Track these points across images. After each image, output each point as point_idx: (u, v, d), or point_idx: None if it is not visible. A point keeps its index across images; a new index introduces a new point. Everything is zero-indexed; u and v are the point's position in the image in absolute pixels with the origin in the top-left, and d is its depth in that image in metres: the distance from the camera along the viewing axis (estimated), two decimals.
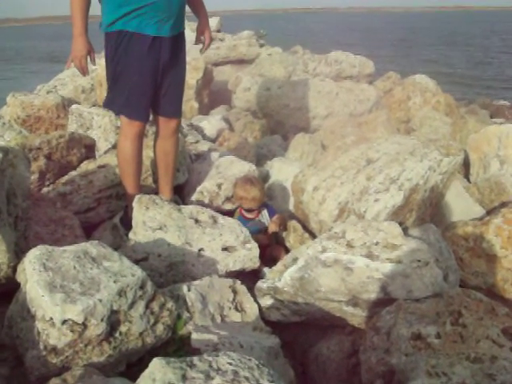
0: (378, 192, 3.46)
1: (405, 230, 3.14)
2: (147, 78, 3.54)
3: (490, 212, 4.17)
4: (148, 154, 4.15)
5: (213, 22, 14.16)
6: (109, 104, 3.75)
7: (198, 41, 3.99)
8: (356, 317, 2.88)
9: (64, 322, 2.27)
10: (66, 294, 2.31)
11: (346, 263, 2.80)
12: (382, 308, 2.68)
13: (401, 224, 3.15)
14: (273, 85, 7.76)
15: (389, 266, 2.74)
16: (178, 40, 3.63)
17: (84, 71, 3.60)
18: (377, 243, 2.87)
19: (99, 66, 7.31)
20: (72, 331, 2.28)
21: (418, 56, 28.92)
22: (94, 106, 6.39)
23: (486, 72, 23.50)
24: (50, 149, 4.57)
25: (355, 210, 3.46)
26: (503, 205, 4.21)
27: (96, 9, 3.63)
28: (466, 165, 5.43)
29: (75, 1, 3.44)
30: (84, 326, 2.30)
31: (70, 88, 7.81)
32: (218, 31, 13.77)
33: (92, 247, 2.65)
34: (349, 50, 9.94)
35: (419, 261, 2.77)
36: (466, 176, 5.44)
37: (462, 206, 4.25)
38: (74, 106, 5.72)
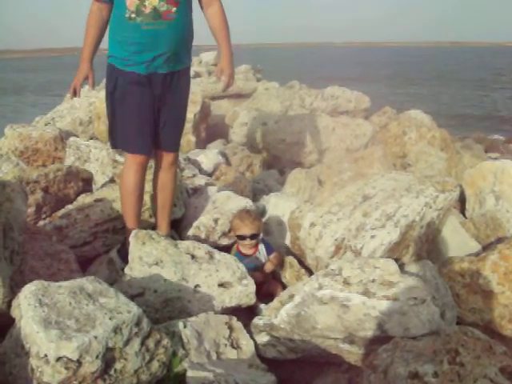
0: (374, 228, 3.47)
1: (401, 267, 3.15)
2: (141, 113, 3.59)
3: (486, 248, 4.17)
4: (146, 188, 4.16)
5: (210, 56, 14.39)
6: (110, 139, 3.83)
7: (216, 74, 3.87)
8: (352, 354, 2.86)
9: (58, 358, 2.25)
10: (61, 330, 2.30)
11: (342, 300, 2.79)
12: (378, 346, 2.66)
13: (397, 260, 3.15)
14: (269, 119, 7.80)
15: (385, 304, 2.73)
16: (177, 75, 3.64)
17: (73, 91, 3.68)
18: (373, 280, 2.86)
19: (97, 100, 7.37)
20: (66, 368, 2.25)
21: (412, 91, 29.23)
22: (91, 138, 6.44)
23: (479, 108, 23.74)
24: (47, 182, 4.58)
25: (351, 247, 3.47)
26: (499, 240, 4.22)
27: None
28: (461, 200, 5.43)
29: (89, 29, 3.57)
30: (79, 363, 2.28)
31: (68, 120, 7.85)
32: (216, 65, 13.92)
33: (88, 283, 2.64)
34: (345, 85, 10.04)
35: (416, 298, 2.76)
36: (462, 211, 5.44)
37: (458, 241, 4.25)
38: (71, 139, 5.75)
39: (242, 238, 3.82)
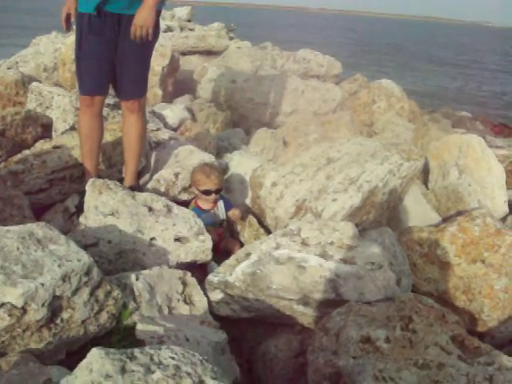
0: (336, 192, 3.44)
1: (361, 232, 3.12)
2: (89, 55, 3.62)
3: (446, 220, 4.19)
4: (105, 137, 4.06)
5: (184, 11, 14.11)
6: None
7: None
8: (306, 316, 2.84)
9: (2, 305, 2.17)
10: (6, 275, 2.21)
11: (299, 261, 2.76)
12: (332, 309, 2.65)
13: (357, 226, 3.13)
14: (239, 78, 7.69)
15: (342, 267, 2.71)
16: (130, 20, 3.53)
17: (64, 24, 3.75)
18: (332, 243, 2.84)
19: (63, 46, 7.16)
20: (10, 315, 2.18)
21: (384, 62, 29.20)
22: (55, 85, 6.24)
23: (450, 84, 23.86)
24: (4, 125, 4.44)
25: (312, 209, 3.43)
26: (459, 213, 4.24)
27: None
28: (425, 171, 5.45)
29: None
30: (23, 310, 2.20)
31: (32, 65, 7.62)
32: (189, 21, 13.69)
33: (38, 228, 2.54)
34: (317, 50, 9.93)
35: (373, 263, 2.75)
36: (425, 182, 5.46)
37: (418, 211, 4.26)
38: (34, 84, 5.57)
39: (207, 192, 3.74)
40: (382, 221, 3.71)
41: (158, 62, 6.99)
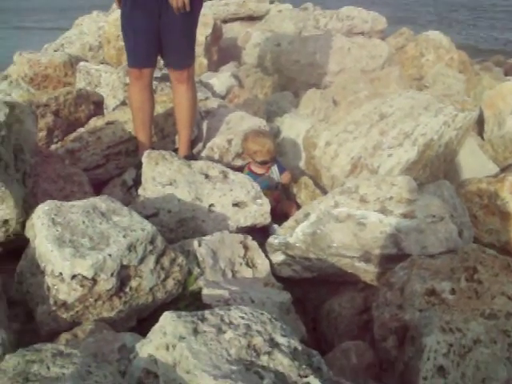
0: (391, 147, 3.40)
1: (419, 186, 3.08)
2: (135, 28, 3.66)
3: (505, 169, 4.11)
4: (156, 109, 4.10)
5: None
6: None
7: None
8: (368, 273, 2.85)
9: (73, 276, 2.25)
10: (75, 248, 2.29)
11: (358, 218, 2.75)
12: (395, 264, 2.64)
13: (415, 180, 3.09)
14: (283, 40, 7.61)
15: (403, 221, 2.69)
16: None
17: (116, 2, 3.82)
18: (390, 198, 2.81)
19: (106, 24, 7.21)
20: (82, 286, 2.26)
21: (430, 13, 28.39)
22: (101, 63, 6.31)
23: (501, 34, 23.04)
24: (58, 105, 4.52)
25: (368, 166, 3.41)
26: None
27: None
28: (480, 122, 5.33)
29: None
30: (94, 280, 2.28)
31: (77, 46, 7.69)
32: None
33: (101, 202, 2.61)
34: (360, 6, 9.72)
35: (434, 216, 2.72)
36: (480, 133, 5.34)
37: (475, 163, 4.19)
38: (81, 64, 5.65)
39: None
40: (439, 174, 3.66)
41: (200, 32, 6.95)
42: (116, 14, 6.70)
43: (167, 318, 1.75)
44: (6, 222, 2.64)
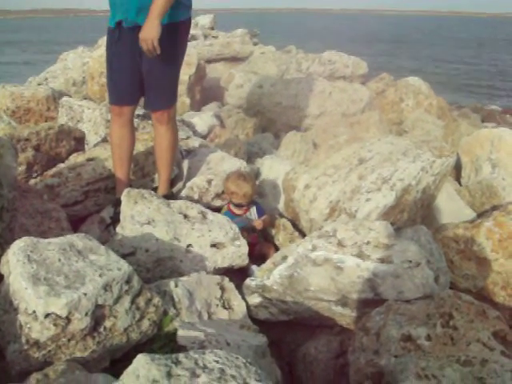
0: (369, 191, 3.43)
1: (396, 231, 3.11)
2: (116, 67, 3.73)
3: (481, 215, 4.15)
4: (137, 147, 4.12)
5: (207, 19, 14.19)
6: None
7: None
8: (345, 317, 2.85)
9: (47, 315, 2.22)
10: (49, 286, 2.26)
11: (336, 262, 2.76)
12: (371, 308, 2.64)
13: (392, 224, 3.11)
14: (266, 82, 7.71)
15: (380, 266, 2.71)
16: None
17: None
18: (368, 243, 2.83)
19: (91, 59, 7.26)
20: (55, 325, 2.22)
21: (409, 59, 28.96)
22: (85, 99, 6.34)
23: (478, 79, 23.56)
24: (39, 140, 4.52)
25: (346, 209, 3.43)
26: (494, 208, 4.20)
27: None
28: (457, 168, 5.42)
29: None
30: (68, 320, 2.24)
31: (61, 80, 7.75)
32: (212, 28, 13.76)
33: (78, 240, 2.59)
34: (342, 51, 9.91)
35: (410, 261, 2.74)
36: (458, 179, 5.42)
37: (452, 208, 4.23)
38: (64, 99, 5.67)
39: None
40: (417, 219, 3.69)
41: (184, 71, 7.03)
42: (101, 50, 6.76)
43: (141, 361, 1.73)
44: None
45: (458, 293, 2.63)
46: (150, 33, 3.39)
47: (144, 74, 3.68)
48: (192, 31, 12.29)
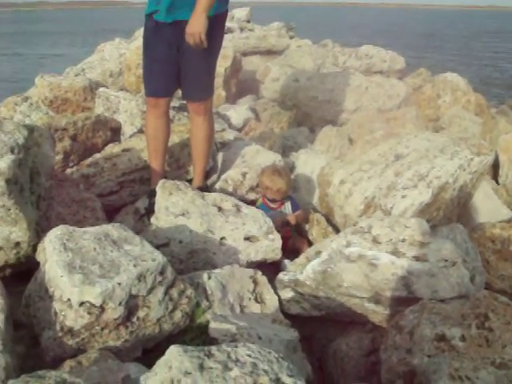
0: (405, 188, 3.39)
1: (431, 229, 3.07)
2: (153, 58, 3.73)
3: None
4: (173, 139, 4.13)
5: (243, 12, 14.18)
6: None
7: None
8: (377, 314, 2.82)
9: (81, 303, 2.24)
10: (84, 275, 2.28)
11: (370, 259, 2.73)
12: (404, 307, 2.61)
13: (428, 222, 3.07)
14: (302, 76, 7.67)
15: (414, 264, 2.67)
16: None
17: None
18: (403, 240, 2.79)
19: (127, 51, 7.31)
20: (89, 314, 2.25)
21: (447, 55, 28.56)
22: (121, 90, 6.38)
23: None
24: (76, 130, 4.56)
25: (381, 206, 3.39)
26: None
27: None
28: (495, 166, 5.32)
29: None
30: (101, 308, 2.27)
31: (98, 71, 7.80)
32: (248, 21, 13.74)
33: (113, 229, 2.62)
34: (379, 45, 9.81)
35: (446, 260, 2.70)
36: (495, 177, 5.33)
37: (489, 207, 4.16)
38: (101, 89, 5.71)
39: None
40: (453, 217, 3.64)
41: (220, 64, 7.03)
42: (138, 42, 6.80)
43: (173, 352, 1.74)
44: (17, 244, 2.65)
45: (494, 294, 2.59)
46: (198, 27, 3.41)
47: (182, 66, 3.69)
48: (228, 24, 12.32)
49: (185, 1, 3.49)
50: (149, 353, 2.46)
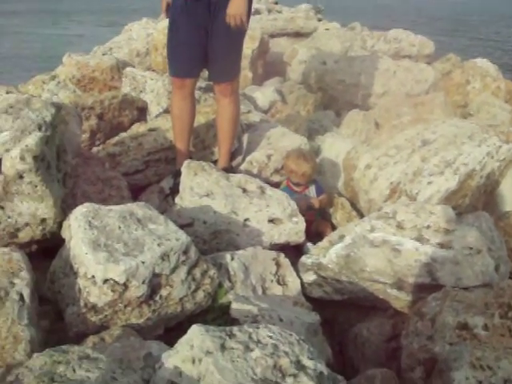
0: (432, 174, 3.36)
1: (457, 216, 3.04)
2: (179, 39, 3.70)
3: None
4: (199, 119, 4.13)
5: None
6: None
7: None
8: (399, 300, 2.81)
9: (105, 281, 2.27)
10: (109, 253, 2.31)
11: (394, 244, 2.72)
12: (427, 293, 2.60)
13: (453, 209, 3.04)
14: (329, 59, 7.60)
15: (439, 251, 2.66)
16: (219, 5, 3.55)
17: (164, 13, 3.89)
18: (428, 226, 2.78)
19: (155, 31, 7.30)
20: (113, 291, 2.27)
21: (478, 40, 28.10)
22: (148, 70, 6.39)
23: None
24: (102, 109, 4.59)
25: (407, 192, 3.37)
26: None
27: None
28: None
29: None
30: (125, 286, 2.29)
31: (125, 51, 7.80)
32: (276, 3, 13.61)
33: (138, 208, 2.63)
34: (408, 29, 9.69)
35: (471, 248, 2.68)
36: None
37: None
38: (128, 69, 5.73)
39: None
40: (478, 205, 3.59)
41: (247, 45, 6.99)
42: (165, 22, 6.77)
43: (195, 332, 1.75)
44: (43, 220, 2.68)
45: None
46: (239, 9, 3.46)
47: (210, 48, 3.68)
48: (256, 5, 12.23)
49: None
50: (170, 331, 2.48)
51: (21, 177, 2.57)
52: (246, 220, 3.21)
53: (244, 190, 3.34)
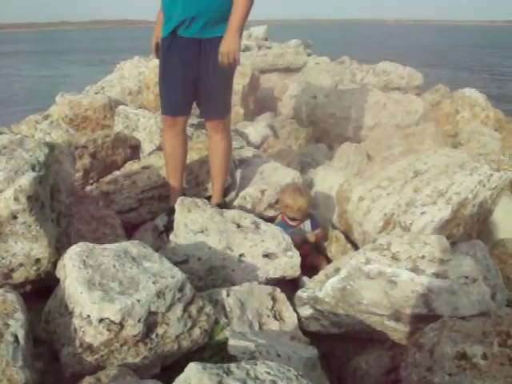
0: (424, 205, 3.37)
1: (451, 245, 3.04)
2: (169, 77, 3.73)
3: None
4: (191, 156, 4.15)
5: (260, 30, 14.26)
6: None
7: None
8: (397, 332, 2.79)
9: (101, 320, 2.25)
10: (104, 292, 2.29)
11: (390, 276, 2.72)
12: (425, 324, 2.59)
13: (447, 239, 3.05)
14: (319, 93, 7.70)
15: (434, 281, 2.65)
16: (209, 43, 3.59)
17: (154, 53, 3.99)
18: (423, 257, 2.78)
19: (146, 69, 7.38)
20: (108, 330, 2.25)
21: (465, 70, 28.46)
22: (140, 108, 6.44)
23: None
24: (96, 147, 4.61)
25: (401, 223, 3.38)
26: None
27: None
28: None
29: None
30: (121, 325, 2.27)
31: (118, 90, 7.88)
32: (266, 39, 13.81)
33: (133, 246, 2.63)
34: (396, 62, 9.83)
35: (467, 277, 2.67)
36: None
37: (510, 223, 4.11)
38: (120, 107, 5.77)
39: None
40: (473, 234, 3.61)
41: (238, 81, 7.09)
42: (156, 60, 6.86)
43: (193, 370, 1.74)
44: (37, 260, 2.67)
45: None
46: (232, 46, 3.48)
47: (200, 85, 3.70)
48: (246, 42, 12.41)
49: (204, 17, 3.53)
50: (167, 370, 2.45)
51: (15, 217, 2.57)
52: (241, 255, 3.21)
53: (238, 226, 3.34)
